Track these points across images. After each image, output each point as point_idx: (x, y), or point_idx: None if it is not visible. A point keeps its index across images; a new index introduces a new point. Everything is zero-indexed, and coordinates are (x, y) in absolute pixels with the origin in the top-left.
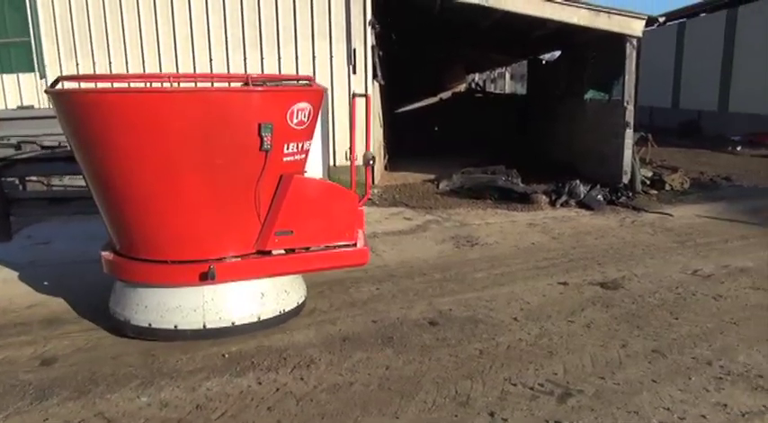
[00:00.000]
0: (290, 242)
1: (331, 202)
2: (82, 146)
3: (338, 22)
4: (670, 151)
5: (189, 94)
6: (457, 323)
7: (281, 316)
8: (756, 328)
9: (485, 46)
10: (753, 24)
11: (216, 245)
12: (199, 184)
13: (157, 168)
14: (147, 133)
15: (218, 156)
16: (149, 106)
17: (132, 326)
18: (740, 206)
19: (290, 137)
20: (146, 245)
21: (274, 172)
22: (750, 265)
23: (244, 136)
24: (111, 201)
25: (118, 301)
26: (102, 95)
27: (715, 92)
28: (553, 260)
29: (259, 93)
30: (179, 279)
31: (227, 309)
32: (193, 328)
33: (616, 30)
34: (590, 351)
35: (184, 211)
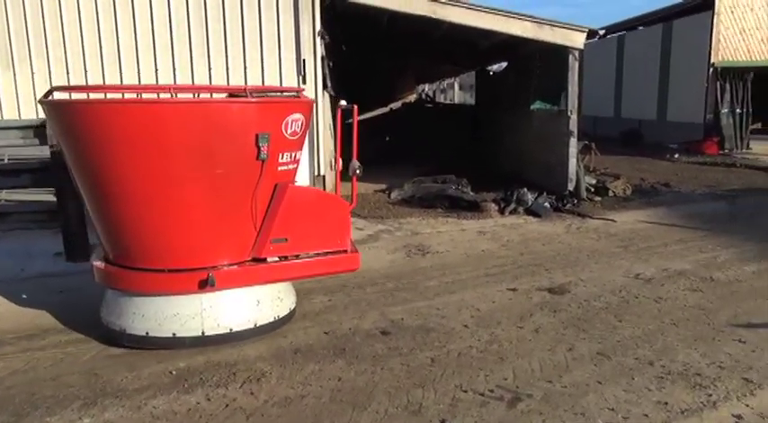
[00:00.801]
0: (285, 249)
1: (323, 210)
2: (79, 156)
3: (287, 32)
4: (613, 159)
5: (190, 105)
6: (409, 332)
7: (276, 322)
8: (694, 328)
9: (434, 57)
10: (686, 37)
11: (213, 253)
12: (198, 193)
13: (157, 178)
14: (148, 144)
15: (217, 165)
16: (151, 117)
17: (128, 335)
18: (678, 211)
19: (284, 147)
20: (143, 254)
21: (270, 181)
22: (688, 267)
23: (242, 146)
24: (108, 210)
25: (111, 310)
26: (103, 106)
27: (654, 102)
28: (502, 267)
29: (257, 104)
30: (178, 287)
31: (226, 315)
32: (192, 335)
33: (559, 42)
34: (538, 355)
35: (184, 220)
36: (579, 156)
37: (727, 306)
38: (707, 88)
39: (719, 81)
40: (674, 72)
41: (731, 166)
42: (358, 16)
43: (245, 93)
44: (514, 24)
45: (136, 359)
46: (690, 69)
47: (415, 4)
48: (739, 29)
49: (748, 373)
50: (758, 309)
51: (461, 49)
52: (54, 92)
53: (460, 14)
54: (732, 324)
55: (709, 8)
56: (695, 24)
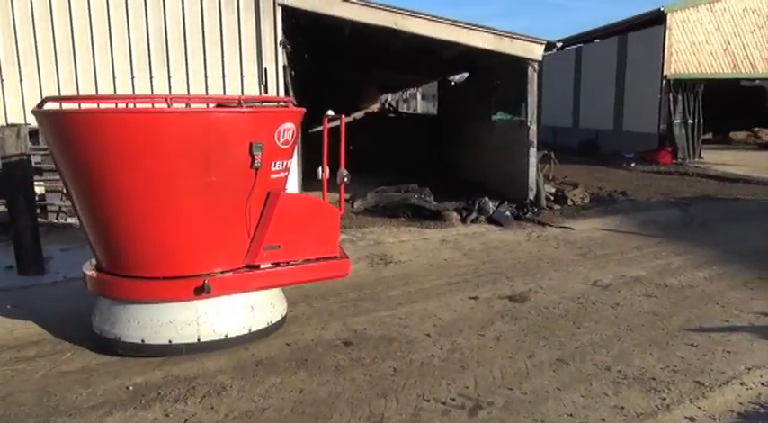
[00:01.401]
0: (278, 256)
1: (314, 217)
2: (75, 165)
3: (248, 41)
4: (572, 168)
5: (187, 114)
6: (371, 342)
7: (269, 327)
8: (649, 333)
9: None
10: (640, 50)
11: (208, 260)
12: (194, 201)
13: (154, 187)
14: (146, 153)
15: (212, 174)
16: (149, 126)
17: (123, 343)
18: (635, 219)
19: (277, 155)
20: (139, 261)
21: (263, 189)
22: (643, 273)
23: (237, 154)
24: (103, 219)
25: (105, 319)
26: (100, 116)
27: (610, 112)
28: (464, 276)
29: (252, 113)
30: (174, 294)
31: (221, 322)
32: (188, 341)
33: (518, 53)
34: (499, 363)
35: (180, 228)
36: (539, 165)
37: (681, 311)
38: (660, 100)
39: (672, 93)
40: (630, 84)
41: (684, 174)
42: (320, 26)
43: (239, 103)
44: (475, 36)
45: (91, 375)
46: (644, 81)
47: (377, 15)
48: (690, 43)
49: (700, 376)
50: (709, 313)
51: (424, 59)
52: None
53: (422, 26)
54: (685, 328)
55: (661, 22)
56: (648, 38)
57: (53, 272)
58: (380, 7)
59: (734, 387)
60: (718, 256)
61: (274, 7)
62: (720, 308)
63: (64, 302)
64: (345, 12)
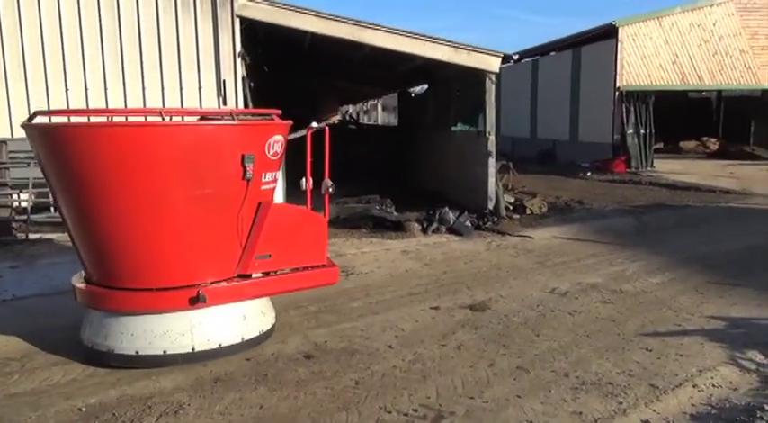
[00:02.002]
0: (269, 265)
1: (303, 226)
2: (69, 179)
3: (206, 52)
4: (530, 178)
5: (182, 127)
6: (333, 355)
7: (260, 336)
8: (606, 339)
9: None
10: (594, 63)
11: (202, 270)
12: (188, 212)
13: (149, 199)
14: (140, 166)
15: (206, 185)
16: (143, 139)
17: (117, 355)
18: (591, 227)
19: (267, 167)
20: (133, 273)
21: (254, 199)
22: (599, 280)
23: (229, 166)
24: (96, 232)
25: (97, 331)
26: (95, 129)
27: (566, 123)
28: (426, 286)
29: (244, 126)
30: (169, 305)
31: (215, 331)
32: (183, 351)
33: (476, 65)
34: (460, 372)
35: (175, 239)
36: (498, 175)
37: (636, 316)
38: (614, 110)
39: (625, 103)
40: (584, 95)
41: (638, 183)
42: (279, 37)
43: (231, 116)
44: (433, 48)
45: (41, 397)
46: (598, 93)
47: (336, 27)
48: (640, 55)
49: (654, 380)
50: (662, 318)
51: (383, 71)
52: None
53: (381, 38)
54: (640, 333)
55: (613, 36)
56: (601, 51)
57: (1, 290)
58: (339, 19)
59: (686, 389)
60: (671, 262)
61: (232, 18)
62: (673, 312)
63: (13, 321)
64: (304, 24)
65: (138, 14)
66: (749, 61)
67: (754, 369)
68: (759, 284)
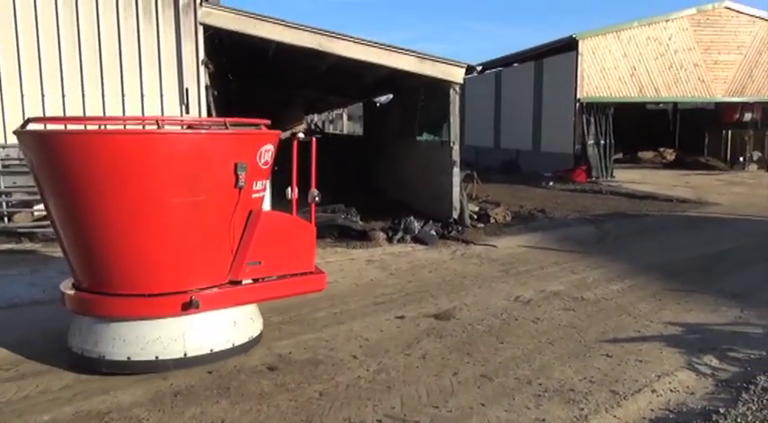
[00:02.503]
0: (259, 272)
1: (292, 234)
2: (61, 186)
3: (169, 60)
4: (494, 187)
5: (179, 135)
6: (297, 366)
7: (250, 342)
8: (568, 346)
9: (322, 88)
10: (555, 74)
11: (195, 276)
12: (182, 219)
13: (143, 206)
14: (135, 173)
15: (200, 193)
16: (139, 147)
17: (108, 361)
18: (553, 235)
19: (258, 175)
20: (127, 279)
21: (246, 207)
22: (562, 288)
23: (223, 174)
24: (90, 238)
25: (87, 338)
26: (92, 137)
27: (529, 133)
28: (391, 295)
29: (237, 135)
30: (162, 310)
31: (207, 337)
32: (175, 357)
33: (440, 76)
34: (425, 382)
35: (169, 246)
36: (462, 185)
37: (596, 323)
38: (575, 121)
39: (585, 115)
40: (546, 106)
41: (598, 192)
42: (244, 46)
43: (225, 125)
44: (398, 58)
45: None
46: (559, 104)
47: (301, 36)
48: (600, 68)
49: (615, 386)
50: (622, 324)
51: (349, 80)
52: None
53: (347, 47)
54: (601, 340)
55: (574, 48)
56: (563, 63)
57: None
58: (305, 29)
59: (646, 395)
60: (630, 270)
61: (195, 26)
62: (632, 319)
63: None
64: (269, 32)
65: (97, 21)
66: (703, 75)
67: (710, 373)
68: (714, 291)
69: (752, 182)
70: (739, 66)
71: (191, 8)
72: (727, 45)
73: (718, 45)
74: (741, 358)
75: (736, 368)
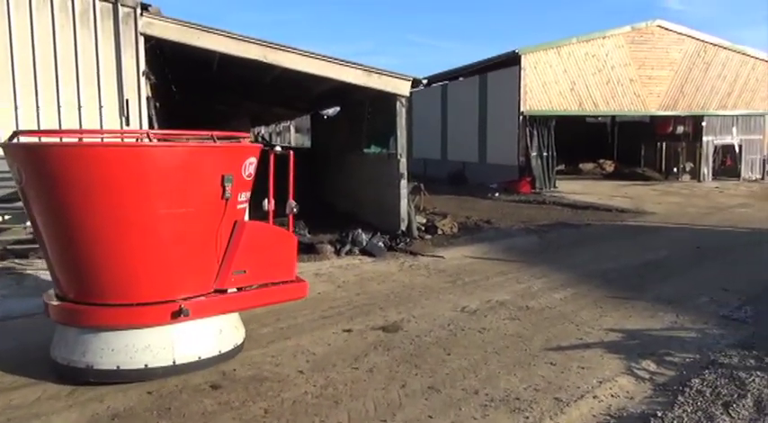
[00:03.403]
0: (244, 280)
1: (275, 243)
2: (50, 198)
3: (108, 70)
4: (441, 199)
5: (170, 148)
6: (241, 383)
7: (235, 349)
8: (513, 355)
9: (269, 100)
10: (499, 88)
11: (182, 285)
12: (171, 229)
13: (134, 217)
14: (127, 185)
15: (189, 204)
16: (131, 160)
17: (96, 371)
18: (499, 245)
19: (242, 187)
20: (117, 289)
21: (231, 218)
22: (507, 298)
23: (210, 186)
24: (78, 249)
25: (73, 348)
26: (81, 149)
27: (475, 145)
28: (338, 308)
29: (225, 148)
30: (151, 319)
31: (195, 344)
32: (164, 364)
33: (387, 89)
34: (373, 395)
35: (157, 255)
36: (410, 196)
37: (541, 332)
38: (518, 134)
39: (528, 127)
40: (491, 119)
41: (542, 203)
42: (187, 57)
43: (212, 138)
44: (345, 71)
45: None
46: (504, 117)
47: (246, 48)
48: (542, 82)
49: (559, 393)
50: (566, 332)
51: (296, 93)
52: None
53: (293, 60)
54: (545, 348)
55: (517, 63)
56: (506, 77)
57: None
58: (250, 40)
59: (588, 401)
60: (573, 278)
61: (136, 36)
62: (575, 326)
63: None
64: (213, 44)
65: (31, 29)
66: (638, 89)
67: (648, 378)
68: (651, 297)
69: (685, 192)
70: (671, 81)
71: (131, 18)
72: (659, 61)
73: (652, 61)
74: (677, 362)
75: (673, 372)
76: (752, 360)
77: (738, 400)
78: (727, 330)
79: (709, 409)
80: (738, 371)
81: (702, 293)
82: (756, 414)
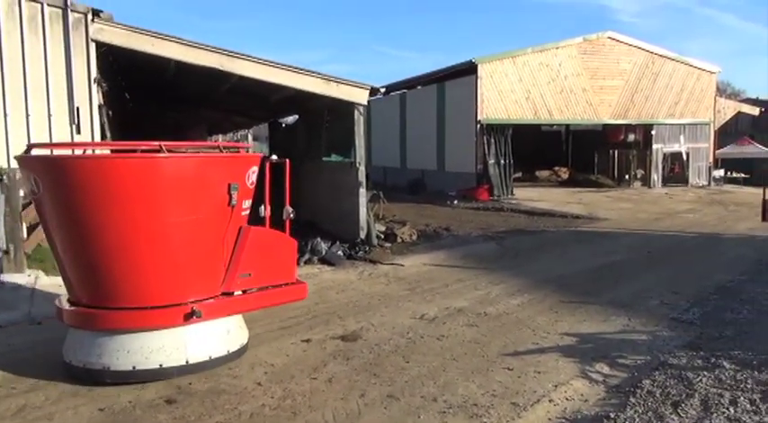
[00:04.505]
0: (249, 283)
1: (277, 247)
2: (66, 208)
3: (57, 77)
4: (401, 206)
5: (182, 158)
6: (197, 397)
7: (241, 349)
8: (471, 361)
9: (226, 108)
10: (457, 97)
11: (193, 288)
12: (182, 235)
13: (149, 225)
14: (143, 194)
15: (198, 211)
16: (147, 170)
17: (112, 372)
18: (457, 253)
19: (246, 195)
20: (133, 293)
21: (237, 224)
22: (465, 304)
23: (218, 194)
24: (95, 256)
25: (90, 351)
26: (99, 161)
27: (434, 153)
28: (297, 318)
29: (231, 158)
30: (166, 321)
31: (206, 345)
32: (178, 364)
33: (345, 97)
34: (332, 406)
35: (170, 260)
36: (369, 205)
37: (498, 338)
38: (476, 142)
39: (486, 136)
40: (449, 127)
41: (500, 210)
42: (141, 64)
43: (219, 148)
44: (303, 80)
45: None
46: (462, 125)
47: (202, 56)
48: (498, 91)
49: (516, 398)
50: (522, 337)
51: (254, 101)
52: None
53: (249, 68)
54: (502, 354)
55: (474, 72)
56: (463, 86)
57: None
58: (206, 48)
59: (544, 405)
60: (529, 284)
61: (87, 43)
62: (532, 332)
63: None
64: (168, 51)
65: None
66: (590, 98)
67: (602, 380)
68: (604, 301)
69: (636, 198)
70: (622, 91)
71: (82, 24)
72: (610, 72)
73: (603, 71)
74: (629, 364)
75: (625, 374)
76: (699, 360)
77: (687, 399)
78: (676, 332)
79: (659, 410)
80: (687, 371)
81: (653, 296)
82: (703, 413)
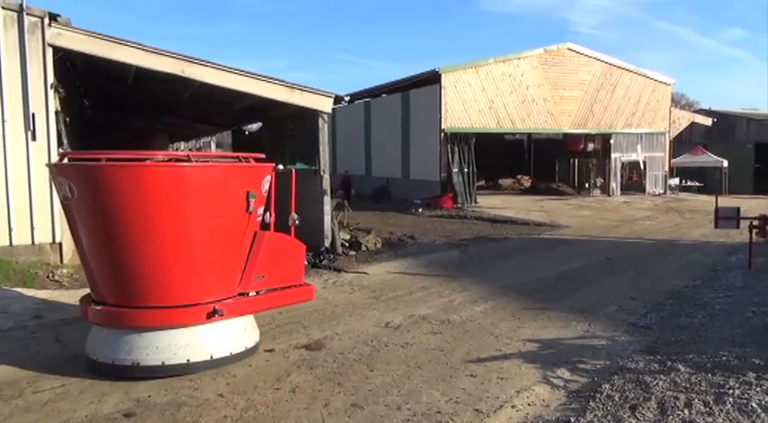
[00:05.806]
0: (263, 284)
1: (288, 251)
2: (95, 212)
3: (12, 83)
4: (366, 214)
5: (207, 168)
6: (157, 410)
7: (256, 346)
8: (435, 369)
9: (188, 116)
10: (421, 106)
11: (215, 289)
12: (206, 240)
13: (177, 229)
14: (172, 200)
15: (220, 217)
16: (177, 178)
17: (142, 367)
18: (422, 260)
19: (261, 202)
20: (156, 293)
21: (253, 229)
22: (430, 312)
23: (237, 201)
24: (126, 259)
25: (119, 348)
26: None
27: (399, 162)
28: (261, 328)
29: (250, 167)
30: (191, 319)
31: (227, 341)
32: (203, 359)
33: (309, 105)
34: (295, 416)
35: (195, 263)
36: (334, 213)
37: (462, 345)
38: (440, 150)
39: (449, 144)
40: (414, 136)
41: (464, 218)
42: (100, 70)
43: (239, 158)
44: (267, 87)
45: None
46: (426, 134)
47: (163, 62)
48: (461, 100)
49: (479, 405)
50: (485, 344)
51: (216, 108)
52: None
53: (211, 75)
54: (466, 361)
55: (437, 82)
56: (428, 95)
57: None
58: (166, 54)
59: (506, 411)
60: (492, 291)
61: (44, 47)
62: (494, 338)
63: None
64: (127, 57)
65: None
66: (551, 108)
67: (563, 385)
68: (565, 308)
69: (596, 206)
70: (581, 101)
71: (38, 28)
72: (570, 82)
73: (564, 82)
74: (589, 369)
75: (585, 378)
76: (656, 364)
77: (644, 402)
78: (634, 337)
79: (617, 413)
80: (644, 375)
81: (612, 302)
82: (660, 415)
